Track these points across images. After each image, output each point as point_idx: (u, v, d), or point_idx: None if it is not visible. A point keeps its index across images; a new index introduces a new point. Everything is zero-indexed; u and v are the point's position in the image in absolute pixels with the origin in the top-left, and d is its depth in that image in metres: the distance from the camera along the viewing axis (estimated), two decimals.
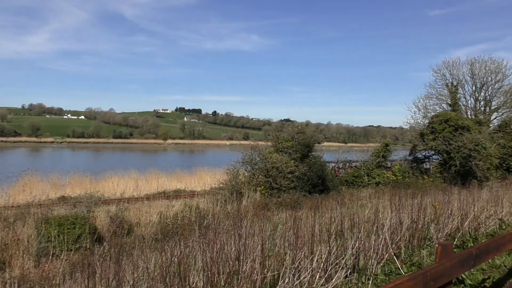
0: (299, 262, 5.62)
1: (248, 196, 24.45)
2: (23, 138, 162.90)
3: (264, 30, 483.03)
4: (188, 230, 13.48)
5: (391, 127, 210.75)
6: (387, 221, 7.42)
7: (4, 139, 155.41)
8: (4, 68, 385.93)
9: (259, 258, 5.76)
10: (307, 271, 5.39)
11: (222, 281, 5.44)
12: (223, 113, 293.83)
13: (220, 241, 7.17)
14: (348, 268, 5.70)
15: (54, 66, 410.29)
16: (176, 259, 6.45)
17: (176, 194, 31.01)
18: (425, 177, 34.51)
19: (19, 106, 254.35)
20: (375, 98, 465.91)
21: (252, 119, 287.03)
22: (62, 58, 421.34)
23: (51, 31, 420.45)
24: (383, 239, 6.47)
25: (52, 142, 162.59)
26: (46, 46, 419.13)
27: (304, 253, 6.00)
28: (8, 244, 15.17)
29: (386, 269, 5.93)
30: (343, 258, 5.86)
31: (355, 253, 6.08)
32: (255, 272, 5.29)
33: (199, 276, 5.85)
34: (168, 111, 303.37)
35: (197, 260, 6.71)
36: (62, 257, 15.08)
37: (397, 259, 6.02)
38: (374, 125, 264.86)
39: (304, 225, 8.23)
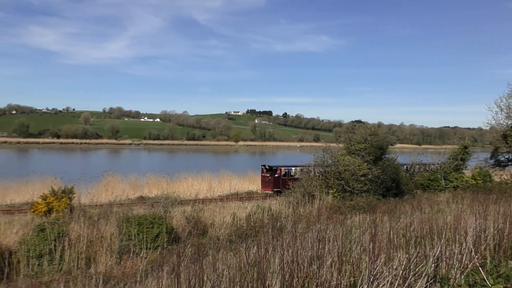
0: (377, 269, 5.50)
1: (320, 199, 24.26)
2: (104, 140, 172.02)
3: (334, 31, 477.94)
4: (262, 232, 13.60)
5: (468, 128, 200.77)
6: (470, 228, 7.10)
7: (87, 141, 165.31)
8: (87, 74, 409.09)
9: (336, 263, 5.71)
10: (385, 279, 5.27)
11: (299, 285, 5.44)
12: (293, 115, 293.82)
13: (295, 244, 7.19)
14: (429, 277, 5.52)
15: (131, 71, 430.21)
16: (253, 261, 6.56)
17: (248, 195, 31.40)
18: (509, 181, 32.54)
19: (100, 110, 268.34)
20: (451, 97, 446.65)
21: (322, 120, 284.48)
22: (139, 63, 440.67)
23: (129, 38, 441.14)
24: (466, 247, 6.20)
25: (130, 144, 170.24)
26: (124, 52, 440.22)
27: (381, 259, 5.88)
28: (93, 241, 16.06)
29: (470, 279, 5.67)
30: (422, 267, 5.68)
31: (435, 261, 5.87)
32: (333, 278, 5.24)
33: (276, 279, 5.88)
34: (239, 113, 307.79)
35: (272, 262, 6.76)
36: (141, 255, 15.78)
37: (482, 270, 5.75)
38: (450, 126, 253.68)
39: (380, 230, 8.07)
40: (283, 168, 33.28)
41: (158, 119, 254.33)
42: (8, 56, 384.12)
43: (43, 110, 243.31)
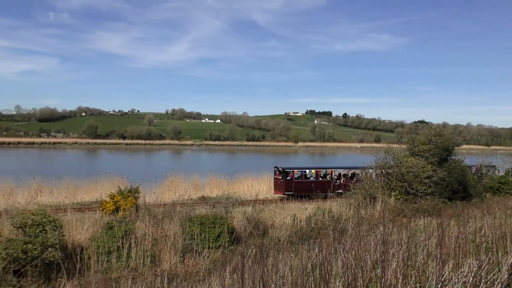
0: (445, 276, 5.32)
1: (382, 201, 23.75)
2: (167, 141, 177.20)
3: (396, 29, 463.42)
4: (323, 234, 13.49)
5: None
6: None
7: (151, 141, 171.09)
8: (151, 77, 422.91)
9: (400, 267, 5.58)
10: (454, 286, 5.09)
11: None
12: (354, 115, 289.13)
13: (358, 247, 7.09)
14: (502, 286, 5.27)
15: (193, 73, 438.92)
16: (315, 263, 6.54)
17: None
18: None
19: (164, 112, 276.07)
20: None
21: (383, 121, 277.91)
22: (200, 66, 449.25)
23: (190, 41, 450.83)
24: None
25: (192, 144, 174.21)
26: (186, 55, 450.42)
27: (449, 265, 5.69)
28: (158, 239, 16.58)
29: None
30: (494, 274, 5.43)
31: (509, 269, 5.60)
32: (398, 283, 5.13)
33: (338, 282, 5.82)
34: (298, 114, 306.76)
35: (334, 265, 6.70)
36: (203, 254, 16.12)
37: None
38: None
39: (447, 234, 7.80)
40: (296, 170, 32.44)
41: (218, 120, 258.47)
42: (78, 61, 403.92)
43: (110, 112, 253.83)
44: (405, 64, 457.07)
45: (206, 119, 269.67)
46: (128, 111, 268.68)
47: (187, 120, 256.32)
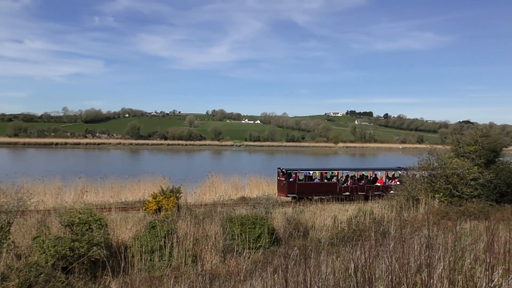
0: (494, 282, 5.15)
1: (426, 203, 23.21)
2: (207, 142, 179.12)
3: (440, 27, 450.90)
4: (364, 236, 13.32)
5: None
6: None
7: (191, 142, 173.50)
8: (192, 78, 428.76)
9: (446, 272, 5.44)
10: None
11: None
12: (395, 116, 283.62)
13: (401, 250, 6.96)
14: None
15: (233, 75, 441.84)
16: (358, 265, 6.46)
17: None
18: None
19: (204, 113, 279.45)
20: None
21: (426, 121, 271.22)
22: (240, 67, 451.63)
23: (231, 42, 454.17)
24: None
25: (232, 145, 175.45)
26: (227, 56, 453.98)
27: (499, 271, 5.50)
28: (199, 239, 16.80)
29: None
30: None
31: None
32: None
33: (381, 285, 5.74)
34: (338, 114, 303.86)
35: (377, 268, 6.60)
36: (244, 254, 16.20)
37: None
38: None
39: (496, 238, 7.54)
40: (299, 172, 31.25)
41: (258, 121, 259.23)
42: (122, 63, 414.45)
43: (152, 113, 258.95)
44: (450, 63, 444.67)
45: (246, 120, 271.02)
46: (170, 112, 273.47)
47: (227, 121, 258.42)
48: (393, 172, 33.08)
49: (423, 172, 26.17)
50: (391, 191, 27.51)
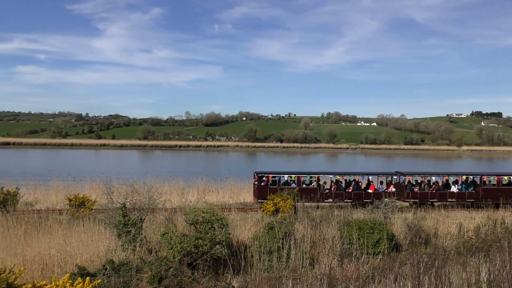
0: None
1: None
2: (322, 144, 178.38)
3: None
4: (496, 247, 12.36)
5: None
6: None
7: (306, 145, 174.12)
8: (306, 81, 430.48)
9: None
10: None
11: None
12: None
13: None
14: None
15: (348, 76, 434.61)
16: (486, 278, 6.04)
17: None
18: None
19: (319, 115, 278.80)
20: None
21: None
22: (355, 68, 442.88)
23: (346, 44, 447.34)
24: None
25: (347, 148, 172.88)
26: (341, 58, 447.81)
27: None
28: (316, 242, 16.82)
29: None
30: None
31: None
32: None
33: None
34: (462, 116, 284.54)
35: None
36: (362, 260, 15.88)
37: None
38: None
39: None
40: (271, 176, 28.69)
41: (374, 123, 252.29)
42: (239, 68, 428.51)
43: (268, 117, 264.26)
44: None
45: (362, 122, 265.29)
46: (285, 115, 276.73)
47: (342, 124, 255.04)
48: (389, 177, 30.34)
49: None
50: (386, 199, 24.82)
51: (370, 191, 28.90)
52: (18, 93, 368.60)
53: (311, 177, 29.78)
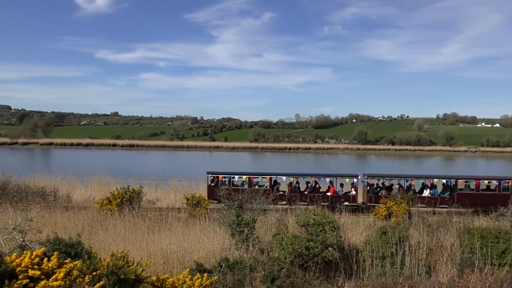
0: None
1: None
2: (437, 147, 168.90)
3: None
4: None
5: None
6: None
7: (420, 147, 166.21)
8: (420, 81, 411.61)
9: None
10: None
11: None
12: None
13: None
14: None
15: (466, 75, 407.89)
16: None
17: None
18: None
19: (434, 116, 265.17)
20: None
21: None
22: (474, 66, 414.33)
23: (464, 40, 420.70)
24: None
25: (466, 151, 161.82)
26: (459, 55, 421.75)
27: None
28: (433, 249, 15.95)
29: None
30: None
31: None
32: None
33: None
34: None
35: None
36: (485, 271, 14.75)
37: None
38: None
39: None
40: (221, 176, 28.63)
41: (497, 125, 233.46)
42: (349, 70, 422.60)
43: (379, 118, 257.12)
44: None
45: (483, 124, 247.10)
46: (397, 116, 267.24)
47: (460, 125, 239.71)
48: (351, 180, 28.55)
49: None
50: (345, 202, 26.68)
51: (329, 194, 28.04)
52: (141, 99, 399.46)
53: (263, 178, 29.43)
